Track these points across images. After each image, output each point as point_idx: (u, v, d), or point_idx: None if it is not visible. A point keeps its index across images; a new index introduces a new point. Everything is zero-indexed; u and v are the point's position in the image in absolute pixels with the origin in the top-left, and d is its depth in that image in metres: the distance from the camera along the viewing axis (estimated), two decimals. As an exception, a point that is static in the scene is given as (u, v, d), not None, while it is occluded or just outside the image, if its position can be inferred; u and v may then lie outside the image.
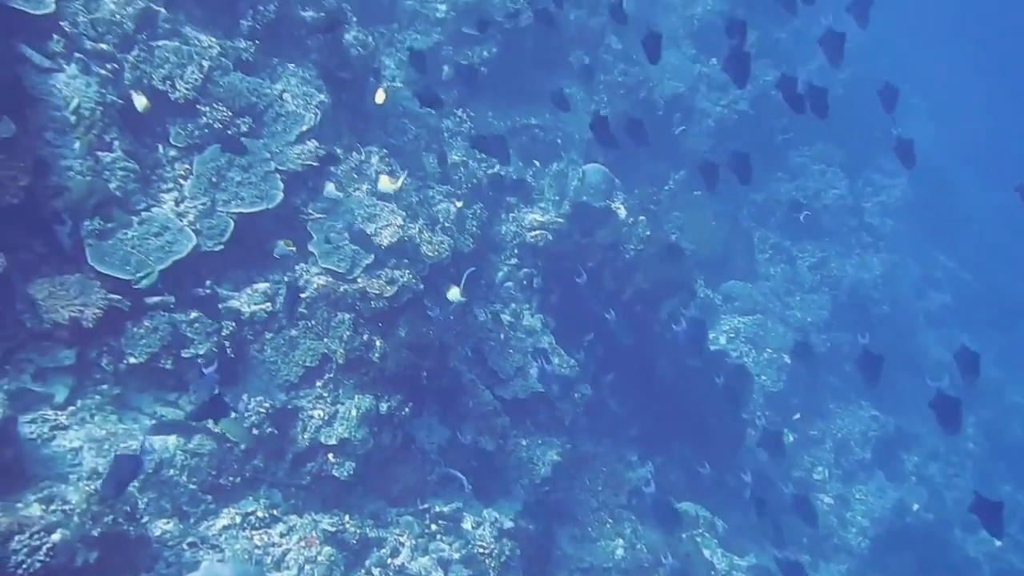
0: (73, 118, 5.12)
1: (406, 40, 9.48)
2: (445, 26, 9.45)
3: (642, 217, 9.06)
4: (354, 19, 7.58)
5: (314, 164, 6.17)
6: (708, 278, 11.07)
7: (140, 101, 5.30)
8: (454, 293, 6.71)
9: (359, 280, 6.08)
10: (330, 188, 6.32)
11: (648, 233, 8.95)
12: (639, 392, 8.92)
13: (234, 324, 5.42)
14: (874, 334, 11.97)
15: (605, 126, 5.99)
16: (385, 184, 6.58)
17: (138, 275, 5.01)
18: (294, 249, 5.86)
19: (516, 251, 8.42)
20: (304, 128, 6.28)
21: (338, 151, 6.60)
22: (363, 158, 6.80)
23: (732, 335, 11.02)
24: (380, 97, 7.01)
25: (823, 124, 6.37)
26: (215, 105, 5.87)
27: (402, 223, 6.48)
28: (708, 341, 7.32)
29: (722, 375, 7.64)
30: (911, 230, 14.24)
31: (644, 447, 9.07)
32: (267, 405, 5.40)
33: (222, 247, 5.57)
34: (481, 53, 9.58)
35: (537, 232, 8.44)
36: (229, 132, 5.89)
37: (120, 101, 5.44)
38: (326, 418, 5.70)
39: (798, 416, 10.92)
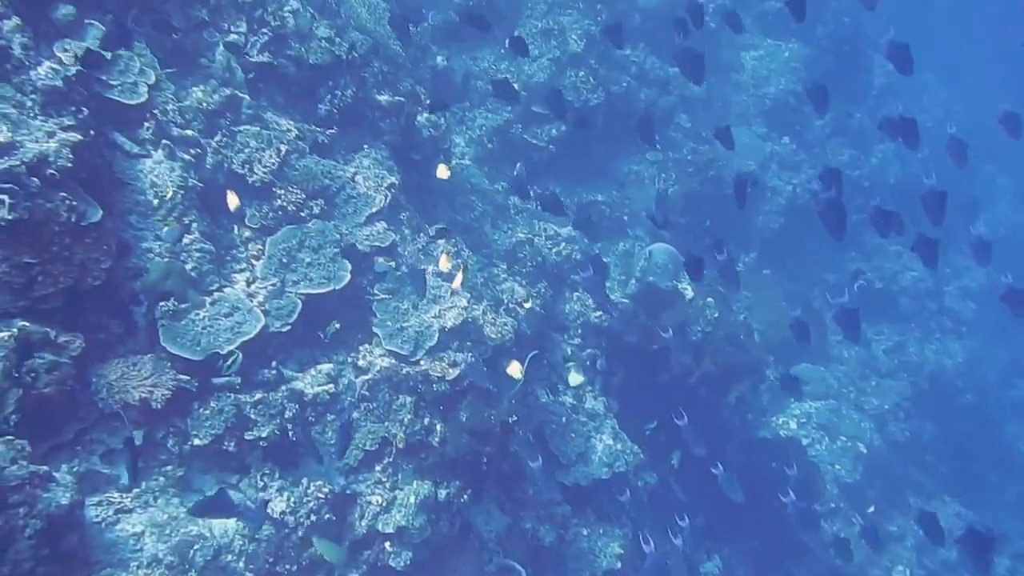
0: (156, 202, 5.30)
1: (476, 118, 9.70)
2: (516, 105, 9.61)
3: (710, 299, 8.87)
4: (427, 101, 7.76)
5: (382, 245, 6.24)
6: (778, 360, 10.71)
7: (232, 201, 5.49)
8: (514, 368, 6.65)
9: (422, 362, 6.05)
10: (380, 260, 6.34)
11: (716, 315, 8.74)
12: (705, 479, 8.59)
13: (296, 406, 5.42)
14: (957, 424, 11.44)
15: (699, 266, 6.02)
16: (444, 266, 6.60)
17: (227, 365, 5.11)
18: (338, 326, 5.88)
19: (580, 331, 8.32)
20: (374, 210, 6.38)
21: (406, 231, 6.68)
22: (429, 238, 6.85)
23: (803, 420, 10.59)
24: (443, 173, 7.10)
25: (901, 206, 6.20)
26: (290, 188, 6.03)
27: (466, 305, 6.46)
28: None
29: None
30: (996, 315, 13.56)
31: (710, 537, 8.68)
32: (326, 490, 5.35)
33: (289, 327, 5.63)
34: (550, 131, 9.70)
35: (602, 312, 8.32)
36: (302, 214, 6.04)
37: (200, 184, 5.64)
38: (384, 504, 5.61)
39: (872, 509, 10.33)
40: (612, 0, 10.36)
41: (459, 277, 6.10)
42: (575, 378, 6.58)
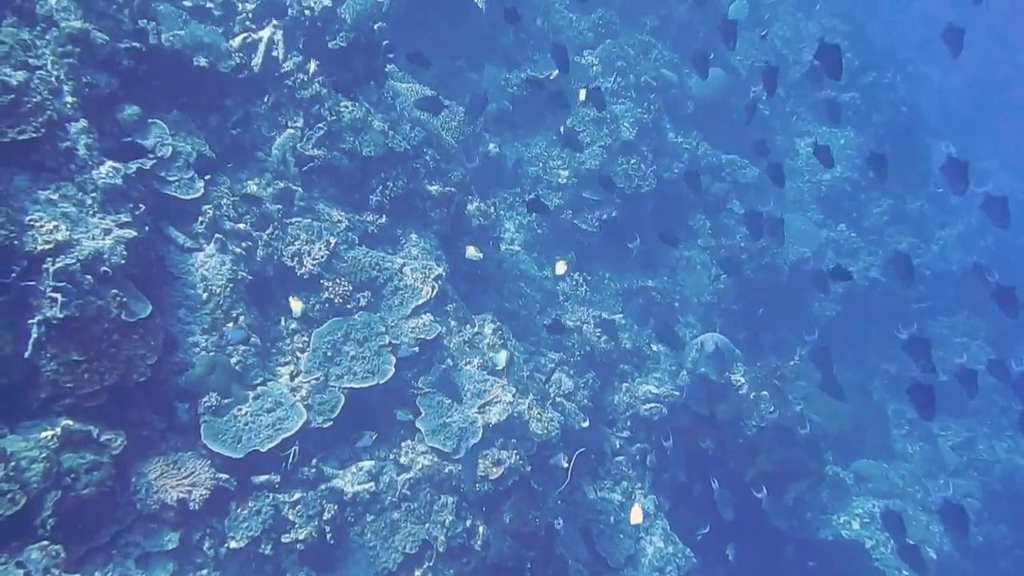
0: (206, 296, 5.33)
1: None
2: (566, 191, 9.61)
3: (765, 392, 8.54)
4: (476, 194, 7.80)
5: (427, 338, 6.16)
6: (837, 455, 10.21)
7: (296, 306, 5.56)
8: (562, 461, 6.45)
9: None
10: (404, 345, 6.22)
11: (772, 410, 8.39)
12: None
13: (336, 506, 5.28)
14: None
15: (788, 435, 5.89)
16: (496, 356, 6.50)
17: (289, 461, 5.08)
18: (373, 436, 5.73)
19: (629, 424, 8.06)
20: (420, 302, 6.33)
21: (452, 323, 6.60)
22: (476, 330, 6.75)
23: (867, 520, 9.99)
24: (472, 254, 7.05)
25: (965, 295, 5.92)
26: (338, 280, 6.03)
27: (511, 399, 6.30)
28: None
29: None
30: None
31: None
32: (362, 597, 5.15)
33: (331, 423, 5.53)
34: (601, 216, 9.64)
35: (651, 405, 8.07)
36: (348, 307, 6.02)
37: (250, 277, 5.66)
38: (421, 613, 5.38)
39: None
40: (665, 89, 10.40)
41: (496, 388, 5.98)
42: (637, 514, 6.36)
